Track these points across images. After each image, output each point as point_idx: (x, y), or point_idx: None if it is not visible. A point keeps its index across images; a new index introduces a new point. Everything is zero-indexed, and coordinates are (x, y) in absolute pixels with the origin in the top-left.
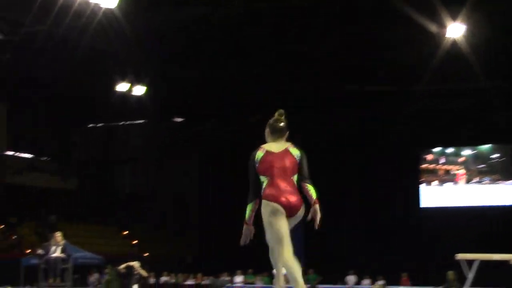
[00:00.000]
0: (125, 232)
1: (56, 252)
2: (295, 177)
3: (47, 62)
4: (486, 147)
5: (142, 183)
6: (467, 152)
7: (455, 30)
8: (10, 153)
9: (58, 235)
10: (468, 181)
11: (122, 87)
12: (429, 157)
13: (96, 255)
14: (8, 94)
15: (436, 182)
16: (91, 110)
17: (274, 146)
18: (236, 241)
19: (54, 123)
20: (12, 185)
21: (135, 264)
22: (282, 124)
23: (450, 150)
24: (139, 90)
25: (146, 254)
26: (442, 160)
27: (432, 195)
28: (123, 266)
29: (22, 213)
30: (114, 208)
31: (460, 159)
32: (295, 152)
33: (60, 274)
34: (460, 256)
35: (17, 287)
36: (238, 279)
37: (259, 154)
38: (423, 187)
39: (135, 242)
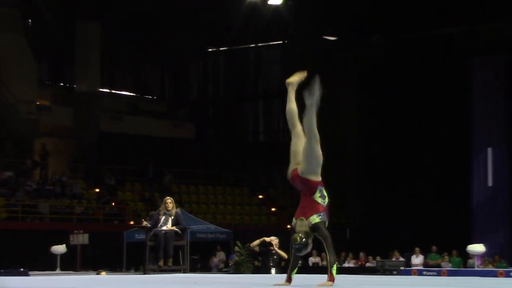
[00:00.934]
0: (260, 196)
1: (167, 224)
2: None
3: None
4: None
5: (282, 128)
6: None
7: None
8: (106, 90)
9: (169, 201)
10: None
11: None
12: None
13: (222, 228)
14: (101, 10)
15: None
16: (212, 28)
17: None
18: (414, 208)
19: (162, 49)
20: (109, 133)
21: (273, 240)
22: None
23: None
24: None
25: (289, 226)
26: None
27: None
28: (256, 242)
29: (123, 172)
30: (244, 162)
31: None
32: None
33: (173, 253)
34: None
35: (116, 272)
36: (417, 260)
37: None
38: None
39: (273, 209)
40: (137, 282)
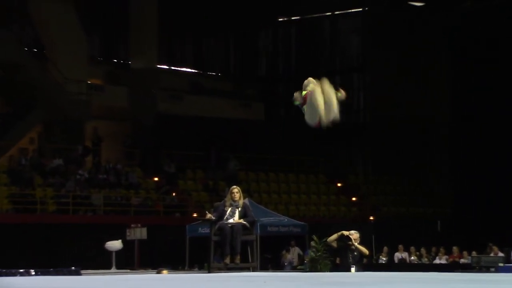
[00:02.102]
0: (339, 184)
1: (234, 217)
2: None
3: None
4: None
5: (362, 106)
6: None
7: None
8: (164, 67)
9: (236, 190)
10: None
11: None
12: None
13: (295, 221)
14: None
15: None
16: None
17: None
18: None
19: (226, 19)
20: (168, 115)
21: (353, 234)
22: None
23: None
24: None
25: (371, 218)
26: None
27: None
28: (334, 237)
29: (184, 158)
30: (320, 146)
31: None
32: None
33: (240, 249)
34: None
35: (178, 271)
36: None
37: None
38: None
39: (354, 199)
40: (202, 282)
